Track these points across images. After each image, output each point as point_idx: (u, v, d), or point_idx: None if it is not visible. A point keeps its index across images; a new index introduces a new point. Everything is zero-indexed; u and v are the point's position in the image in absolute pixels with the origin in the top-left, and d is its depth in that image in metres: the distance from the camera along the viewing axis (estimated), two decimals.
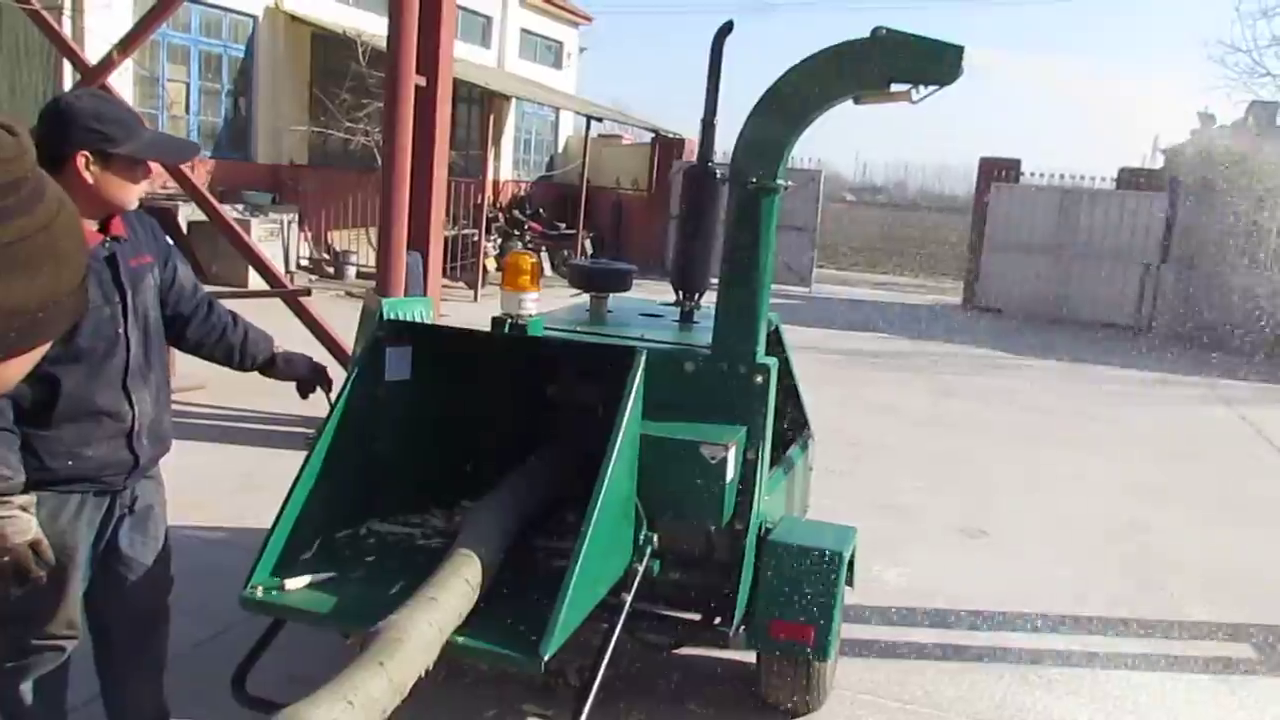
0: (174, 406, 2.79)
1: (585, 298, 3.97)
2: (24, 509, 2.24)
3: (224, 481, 5.30)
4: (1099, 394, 10.27)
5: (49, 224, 0.88)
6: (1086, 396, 10.05)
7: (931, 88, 2.88)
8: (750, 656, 3.51)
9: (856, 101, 2.99)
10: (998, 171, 16.58)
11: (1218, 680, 4.11)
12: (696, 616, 3.21)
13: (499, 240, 15.98)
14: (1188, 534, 5.96)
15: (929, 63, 2.81)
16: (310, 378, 3.01)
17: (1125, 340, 13.98)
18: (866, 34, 2.87)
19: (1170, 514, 6.31)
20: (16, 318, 0.87)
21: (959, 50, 2.78)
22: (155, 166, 2.55)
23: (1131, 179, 16.05)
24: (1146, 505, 6.41)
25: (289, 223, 13.23)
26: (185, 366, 5.56)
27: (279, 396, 4.75)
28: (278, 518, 2.63)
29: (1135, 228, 15.45)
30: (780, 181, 3.08)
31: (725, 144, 3.83)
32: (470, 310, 11.60)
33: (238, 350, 2.87)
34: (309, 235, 14.07)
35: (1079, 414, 9.17)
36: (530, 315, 3.00)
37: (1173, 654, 4.29)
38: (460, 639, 2.32)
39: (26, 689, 2.53)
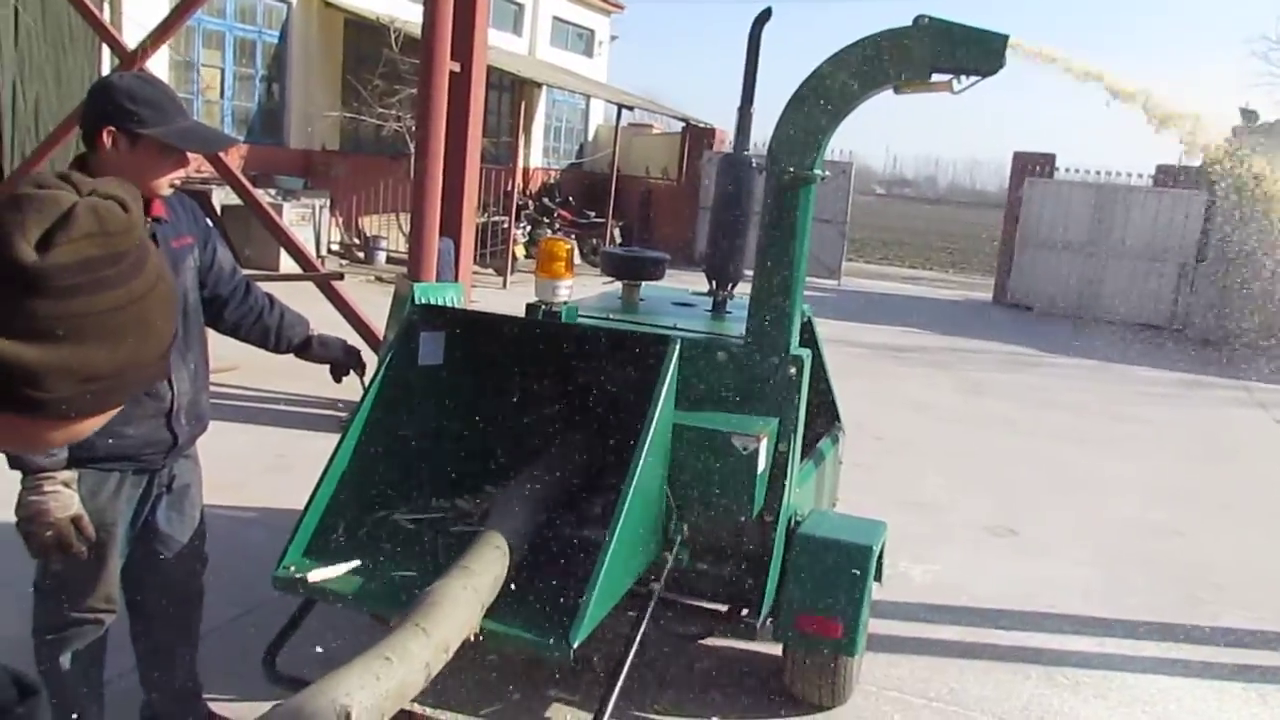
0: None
1: (617, 286, 3.97)
2: (66, 485, 2.28)
3: (256, 462, 5.36)
4: (1131, 394, 10.16)
5: (143, 296, 0.91)
6: (1118, 396, 9.93)
7: (974, 78, 2.84)
8: (777, 649, 3.50)
9: (896, 91, 2.96)
10: (1032, 166, 16.40)
11: (1249, 687, 4.05)
12: (724, 607, 3.20)
13: (528, 228, 16.01)
14: (1219, 537, 5.88)
15: (972, 52, 2.77)
16: (345, 360, 3.03)
17: (1159, 340, 13.82)
18: (908, 22, 2.84)
19: (1202, 517, 6.23)
20: (94, 383, 0.89)
21: (1003, 39, 2.74)
22: (193, 155, 2.57)
23: (1169, 177, 15.82)
24: (1178, 507, 6.33)
25: (320, 208, 13.31)
26: (218, 348, 5.60)
27: (311, 379, 4.78)
28: (311, 499, 2.66)
29: (1171, 226, 15.24)
30: (817, 172, 3.06)
31: (761, 133, 3.81)
32: (499, 297, 11.63)
33: (274, 332, 2.89)
34: (340, 220, 14.15)
35: (1110, 414, 9.07)
36: (564, 302, 3.00)
37: (1203, 659, 4.23)
38: (490, 624, 2.34)
39: (65, 660, 2.57)
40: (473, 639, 2.23)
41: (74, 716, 2.64)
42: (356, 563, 2.64)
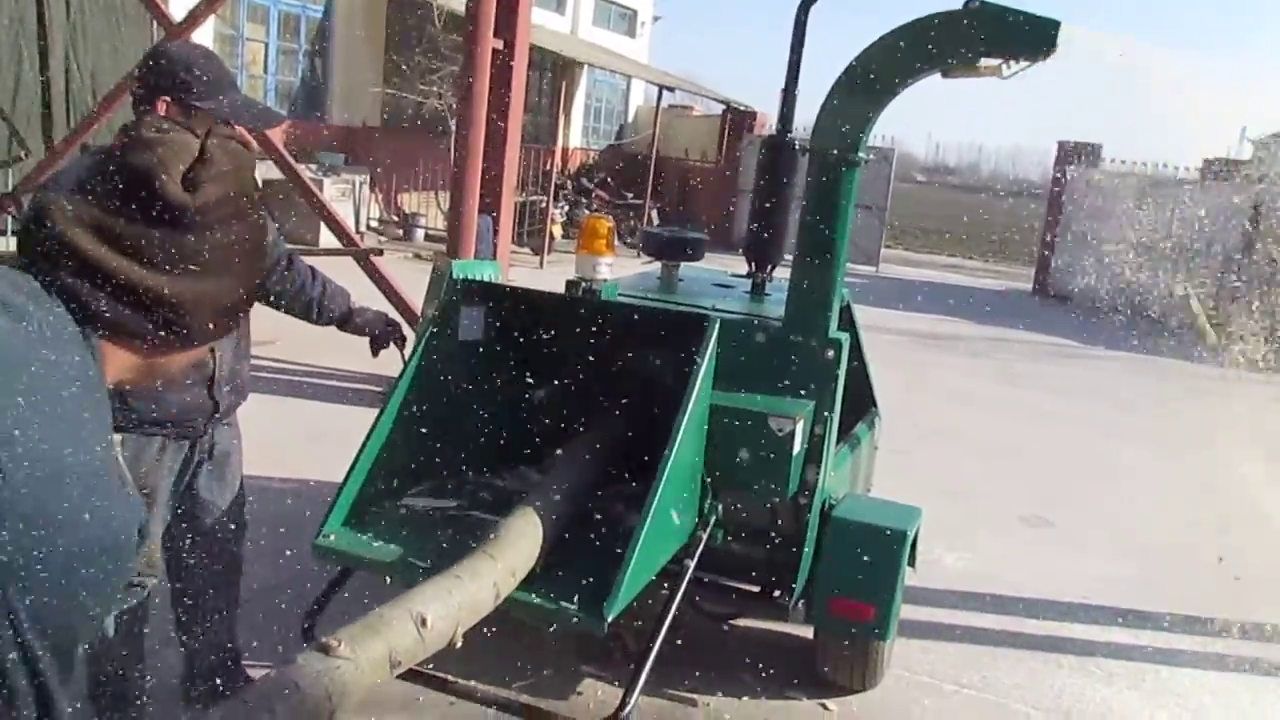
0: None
1: (656, 266, 3.97)
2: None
3: (294, 435, 5.42)
4: (1172, 388, 10.01)
5: (263, 226, 1.02)
6: (1159, 390, 9.80)
7: (1023, 63, 2.80)
8: (808, 631, 3.50)
9: (945, 75, 2.92)
10: (1076, 156, 16.14)
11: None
12: (756, 589, 3.21)
13: (566, 208, 16.02)
14: (1259, 535, 5.77)
15: (1023, 37, 2.73)
16: (385, 334, 3.06)
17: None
18: (959, 5, 2.80)
19: (1242, 514, 6.12)
20: (222, 312, 0.99)
21: (1055, 25, 2.70)
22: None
23: (1217, 170, 15.50)
24: (1217, 504, 6.23)
25: (360, 184, 13.40)
26: (255, 322, 5.66)
27: (348, 354, 4.84)
28: (351, 469, 2.69)
29: (1218, 220, 14.93)
30: (861, 155, 3.03)
31: (804, 116, 3.79)
32: (536, 276, 11.65)
33: (316, 304, 2.92)
34: (379, 197, 14.24)
35: (1150, 408, 8.95)
36: (604, 280, 3.00)
37: (1239, 655, 4.18)
38: (525, 597, 2.36)
39: (109, 623, 2.63)
40: (538, 568, 2.36)
41: (117, 679, 2.70)
42: (399, 526, 2.68)
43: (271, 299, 2.87)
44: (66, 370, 0.84)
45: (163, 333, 0.94)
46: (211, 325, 0.98)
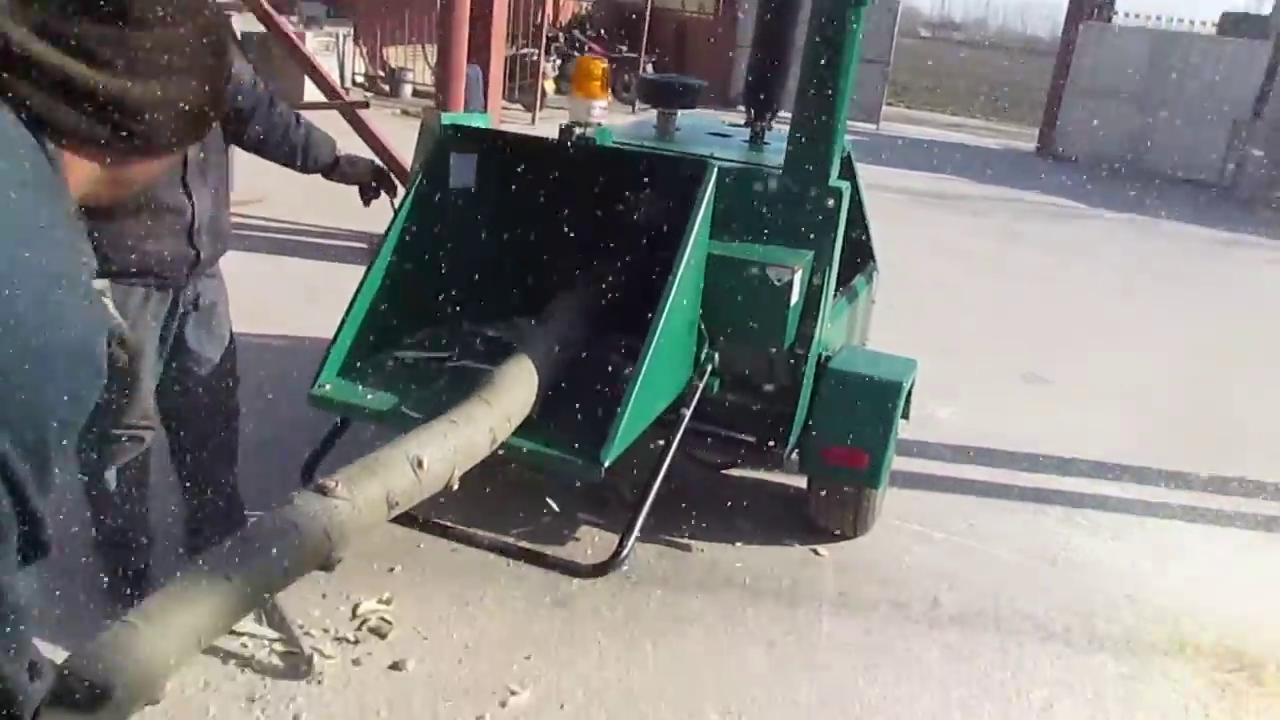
0: (233, 219, 2.77)
1: (652, 115, 3.84)
2: (101, 293, 2.27)
3: (284, 293, 5.37)
4: (1174, 251, 9.93)
5: (219, 24, 0.98)
6: (1161, 253, 9.72)
7: None
8: (802, 482, 3.55)
9: None
10: (1089, 10, 15.54)
11: (1270, 538, 4.09)
12: (751, 438, 3.22)
13: (558, 61, 15.52)
14: (1253, 394, 5.82)
15: None
16: (375, 182, 2.97)
17: (1208, 198, 13.38)
18: None
19: (1237, 374, 6.15)
20: (186, 114, 0.94)
21: None
22: None
23: (1235, 24, 14.96)
24: (1214, 364, 6.25)
25: (344, 37, 12.92)
26: (244, 180, 5.52)
27: (337, 211, 4.73)
28: (344, 319, 2.66)
29: (1231, 79, 14.49)
30: None
31: None
32: (528, 132, 11.37)
33: (300, 150, 2.82)
34: (364, 51, 13.75)
35: (1151, 269, 8.89)
36: (598, 124, 2.90)
37: (1226, 509, 4.26)
38: (523, 444, 2.36)
39: (110, 476, 2.63)
40: (532, 415, 2.37)
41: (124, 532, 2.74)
42: (394, 375, 2.66)
43: (253, 144, 2.77)
44: (16, 174, 0.80)
45: (120, 137, 0.90)
46: (173, 132, 0.94)
